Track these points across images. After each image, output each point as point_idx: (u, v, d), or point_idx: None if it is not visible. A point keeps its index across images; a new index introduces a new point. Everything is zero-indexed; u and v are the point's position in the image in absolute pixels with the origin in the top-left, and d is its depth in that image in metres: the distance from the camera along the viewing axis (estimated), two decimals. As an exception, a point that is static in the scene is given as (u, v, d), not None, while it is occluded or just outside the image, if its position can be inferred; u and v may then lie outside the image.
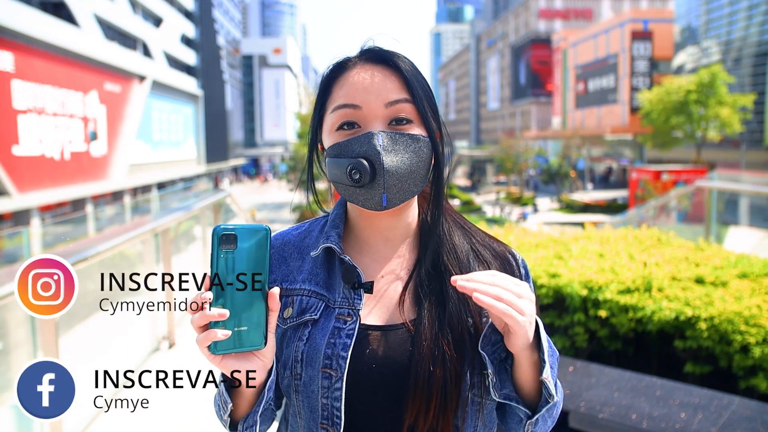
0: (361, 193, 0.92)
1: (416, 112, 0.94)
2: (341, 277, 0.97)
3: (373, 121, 0.93)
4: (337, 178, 0.94)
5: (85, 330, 4.73)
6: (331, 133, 0.96)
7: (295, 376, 0.93)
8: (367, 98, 0.93)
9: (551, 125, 60.90)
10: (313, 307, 0.96)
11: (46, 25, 21.53)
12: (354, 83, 0.94)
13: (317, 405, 0.91)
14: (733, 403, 2.53)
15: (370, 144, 0.90)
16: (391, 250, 1.01)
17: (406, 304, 0.96)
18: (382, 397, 0.91)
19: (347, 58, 0.98)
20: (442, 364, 0.89)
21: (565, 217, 30.03)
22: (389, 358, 0.91)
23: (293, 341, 0.95)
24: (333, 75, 0.98)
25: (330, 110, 0.96)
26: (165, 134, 35.94)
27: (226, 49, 58.91)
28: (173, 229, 5.67)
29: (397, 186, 0.91)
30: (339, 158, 0.93)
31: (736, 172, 27.55)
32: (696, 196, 8.01)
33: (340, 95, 0.95)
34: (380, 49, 0.97)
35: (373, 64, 0.96)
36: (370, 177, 0.90)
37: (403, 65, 0.96)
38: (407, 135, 0.92)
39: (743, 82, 41.02)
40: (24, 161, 19.59)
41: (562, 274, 3.45)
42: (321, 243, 1.00)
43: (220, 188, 37.30)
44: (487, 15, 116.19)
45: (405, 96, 0.94)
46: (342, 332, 0.92)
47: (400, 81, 0.95)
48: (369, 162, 0.90)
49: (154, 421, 3.56)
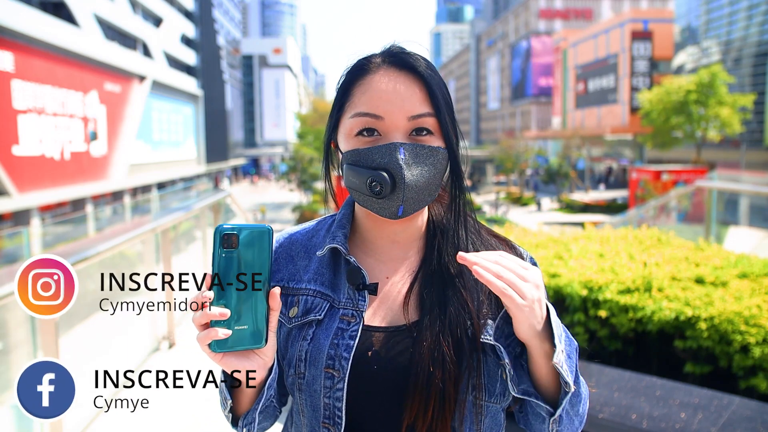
0: (378, 203, 0.92)
1: (437, 123, 0.93)
2: (346, 278, 0.97)
3: (394, 132, 0.91)
4: (355, 186, 0.93)
5: (85, 330, 4.73)
6: (350, 138, 0.94)
7: (299, 374, 0.94)
8: (390, 109, 0.91)
9: (551, 125, 60.89)
10: (318, 307, 0.96)
11: (46, 25, 21.52)
12: (377, 91, 0.92)
13: (319, 404, 0.92)
14: (733, 403, 2.53)
15: (392, 157, 0.89)
16: (398, 252, 1.01)
17: (410, 306, 0.95)
18: (383, 398, 0.91)
19: (369, 59, 0.96)
20: (442, 365, 0.89)
21: (565, 217, 30.03)
22: (391, 359, 0.91)
23: (297, 340, 0.95)
24: (354, 76, 0.96)
25: (350, 114, 0.94)
26: (165, 134, 35.94)
27: (226, 49, 58.90)
28: (173, 229, 5.67)
29: (415, 198, 0.91)
30: (358, 167, 0.92)
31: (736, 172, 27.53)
32: (696, 196, 8.01)
33: (362, 101, 0.93)
34: (404, 53, 0.95)
35: (396, 70, 0.93)
36: (390, 189, 0.89)
37: (427, 74, 0.93)
38: (428, 147, 0.91)
39: (743, 82, 41.01)
40: (24, 161, 19.59)
41: (562, 274, 3.45)
42: (327, 243, 1.00)
43: (220, 188, 37.34)
44: (487, 15, 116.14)
45: (428, 110, 0.92)
46: (345, 333, 0.92)
47: (423, 92, 0.92)
48: (389, 174, 0.89)
49: (154, 421, 3.55)
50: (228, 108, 57.77)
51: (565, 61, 55.54)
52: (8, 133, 18.75)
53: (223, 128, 54.01)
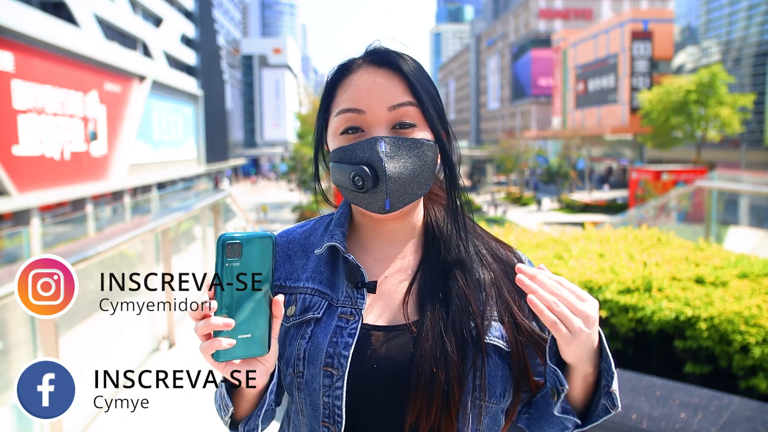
0: (365, 198, 0.93)
1: (421, 115, 0.94)
2: (345, 276, 0.97)
3: (376, 125, 0.92)
4: (341, 182, 0.95)
5: (85, 330, 4.73)
6: (335, 137, 0.96)
7: (297, 373, 0.93)
8: (370, 102, 0.92)
9: (551, 125, 60.88)
10: (316, 306, 0.96)
11: (46, 25, 21.52)
12: (357, 87, 0.94)
13: (319, 403, 0.91)
14: (733, 403, 2.53)
15: (372, 150, 0.90)
16: (396, 251, 1.01)
17: (410, 305, 0.95)
18: (383, 397, 0.91)
19: (351, 60, 0.98)
20: (445, 365, 0.89)
21: (565, 217, 30.03)
22: (391, 358, 0.91)
23: (296, 339, 0.95)
24: (337, 77, 0.98)
25: (334, 113, 0.96)
26: (165, 134, 35.94)
27: (226, 49, 58.91)
28: (173, 229, 5.67)
29: (400, 191, 0.91)
30: (342, 163, 0.93)
31: (736, 172, 27.53)
32: (696, 196, 8.01)
33: (343, 99, 0.95)
34: (384, 51, 0.96)
35: (376, 66, 0.95)
36: (373, 183, 0.90)
37: (407, 67, 0.94)
38: (410, 140, 0.92)
39: (743, 82, 41.03)
40: (24, 161, 19.59)
41: (562, 274, 3.45)
42: (325, 241, 1.00)
43: (220, 188, 37.33)
44: (487, 15, 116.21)
45: (408, 99, 0.93)
46: (344, 331, 0.92)
47: (403, 84, 0.94)
48: (371, 168, 0.90)
49: (154, 421, 3.55)
50: (228, 108, 57.78)
51: (565, 61, 55.53)
52: (8, 133, 18.75)
53: (223, 128, 54.02)
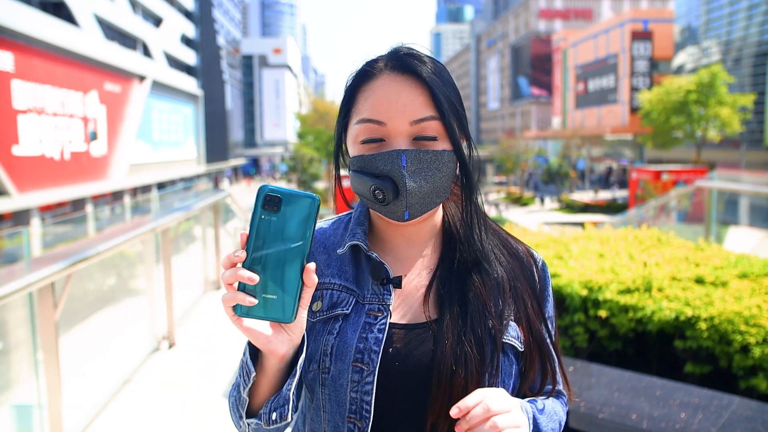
0: (384, 208, 0.94)
1: (442, 127, 0.93)
2: (369, 273, 0.97)
3: (397, 137, 0.92)
4: (361, 192, 0.95)
5: (85, 330, 4.74)
6: (355, 144, 0.96)
7: (323, 369, 0.93)
8: (392, 115, 0.92)
9: (551, 125, 60.87)
10: (344, 302, 0.96)
11: (46, 25, 21.53)
12: (379, 97, 0.93)
13: (345, 399, 0.91)
14: (733, 403, 2.53)
15: (394, 164, 0.90)
16: (414, 250, 1.02)
17: (430, 304, 0.96)
18: (403, 395, 0.92)
19: (372, 64, 0.96)
20: (464, 364, 0.90)
21: (565, 217, 30.01)
22: (412, 356, 0.92)
23: (322, 335, 0.94)
24: (358, 82, 0.97)
25: (354, 120, 0.95)
26: (165, 134, 35.94)
27: (226, 49, 58.93)
28: (173, 229, 5.67)
29: (420, 203, 0.92)
30: (363, 174, 0.93)
31: (736, 172, 27.54)
32: (696, 196, 8.01)
33: (365, 108, 0.94)
34: (407, 57, 0.94)
35: (399, 74, 0.93)
36: (393, 196, 0.91)
37: (430, 75, 0.93)
38: (431, 152, 0.92)
39: (743, 82, 41.04)
40: (24, 161, 19.60)
41: (562, 274, 3.45)
42: (347, 240, 1.01)
43: (220, 188, 37.30)
44: (487, 15, 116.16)
45: (431, 114, 0.92)
46: (374, 327, 0.92)
47: (426, 96, 0.92)
48: (392, 182, 0.90)
49: (154, 421, 3.55)
50: (228, 108, 57.80)
51: (565, 61, 55.51)
52: (8, 133, 18.76)
53: (223, 128, 54.03)
